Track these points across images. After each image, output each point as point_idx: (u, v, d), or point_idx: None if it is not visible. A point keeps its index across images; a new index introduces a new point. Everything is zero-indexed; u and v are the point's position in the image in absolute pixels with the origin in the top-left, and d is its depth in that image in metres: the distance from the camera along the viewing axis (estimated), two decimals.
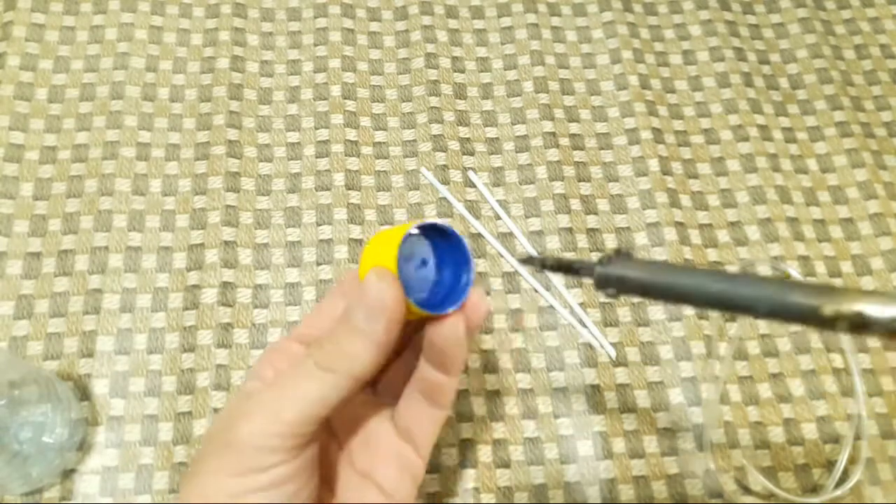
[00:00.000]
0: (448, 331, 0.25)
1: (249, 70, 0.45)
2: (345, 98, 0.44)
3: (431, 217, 0.41)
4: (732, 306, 0.20)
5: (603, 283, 0.22)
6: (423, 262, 0.25)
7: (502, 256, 0.40)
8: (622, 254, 0.22)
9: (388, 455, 0.27)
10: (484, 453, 0.36)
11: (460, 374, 0.27)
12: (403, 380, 0.28)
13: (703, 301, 0.20)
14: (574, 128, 0.44)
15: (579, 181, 0.42)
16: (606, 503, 0.35)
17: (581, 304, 0.39)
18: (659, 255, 0.40)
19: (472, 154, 0.43)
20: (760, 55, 0.48)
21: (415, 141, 0.43)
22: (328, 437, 0.28)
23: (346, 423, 0.28)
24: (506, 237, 0.41)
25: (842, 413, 0.37)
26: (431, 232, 0.25)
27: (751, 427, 0.37)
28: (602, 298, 0.39)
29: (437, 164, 0.42)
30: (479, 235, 0.41)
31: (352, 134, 0.43)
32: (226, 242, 0.39)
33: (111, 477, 0.34)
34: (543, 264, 0.24)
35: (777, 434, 0.37)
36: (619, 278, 0.21)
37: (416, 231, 0.24)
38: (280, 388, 0.24)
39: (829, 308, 0.18)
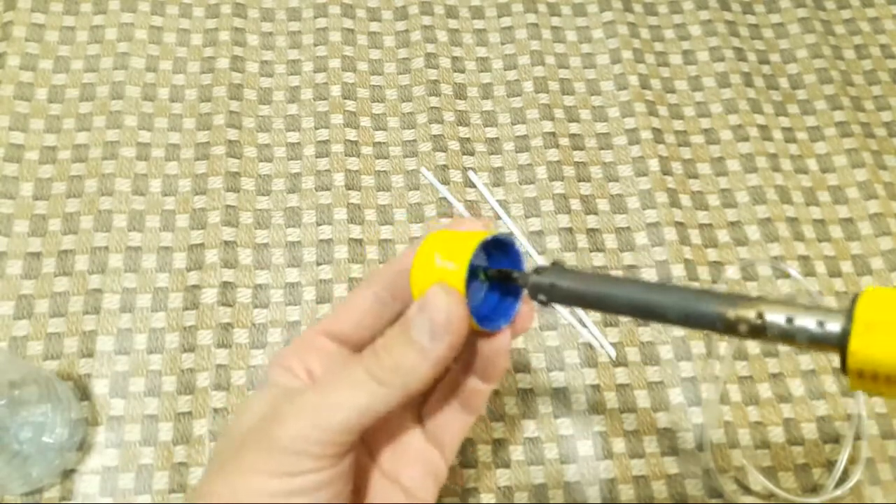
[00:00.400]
0: (498, 342, 0.24)
1: (249, 70, 0.45)
2: (345, 98, 0.44)
3: (431, 216, 0.41)
4: (646, 313, 0.21)
5: (535, 291, 0.23)
6: (476, 273, 0.24)
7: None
8: (556, 265, 0.23)
9: (415, 459, 0.26)
10: (484, 453, 0.36)
11: (499, 381, 0.26)
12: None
13: (620, 308, 0.21)
14: (574, 128, 0.44)
15: (579, 181, 0.42)
16: (606, 503, 0.35)
17: None
18: (659, 254, 0.40)
19: (472, 154, 0.43)
20: (760, 55, 0.48)
21: (415, 141, 0.43)
22: (359, 442, 0.27)
23: (377, 428, 0.27)
24: None
25: (842, 413, 0.37)
26: (492, 246, 0.24)
27: (751, 427, 0.37)
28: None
29: (437, 164, 0.42)
30: None
31: (352, 134, 0.43)
32: (226, 242, 0.39)
33: (111, 477, 0.34)
34: (486, 273, 0.24)
35: (777, 434, 0.37)
36: (549, 286, 0.22)
37: (482, 249, 0.23)
38: (325, 393, 0.23)
39: (731, 313, 0.19)
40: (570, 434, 0.36)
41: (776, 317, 0.19)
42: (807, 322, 0.18)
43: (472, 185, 0.42)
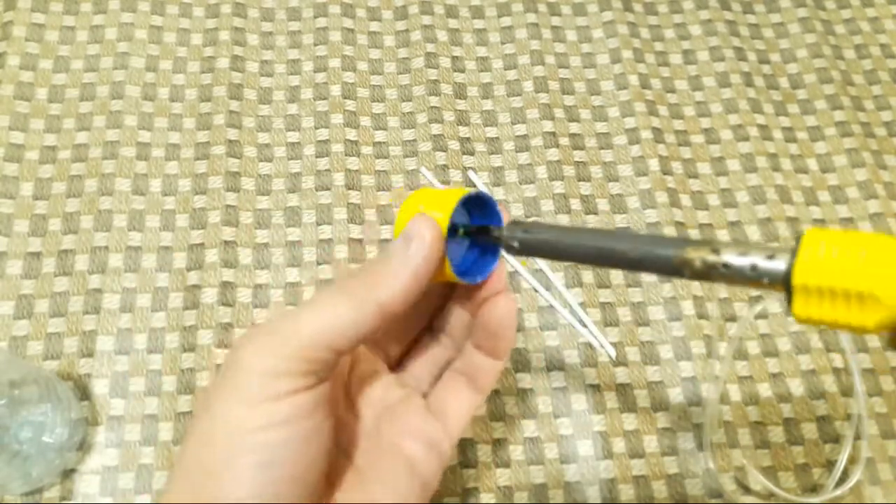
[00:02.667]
0: (502, 311, 0.25)
1: (249, 70, 0.45)
2: (345, 98, 0.44)
3: None
4: (606, 260, 0.23)
5: (508, 243, 0.25)
6: (457, 229, 0.26)
7: (503, 256, 0.40)
8: (521, 222, 0.25)
9: (416, 430, 0.25)
10: (484, 453, 0.36)
11: (507, 357, 0.26)
12: (428, 370, 0.28)
13: (583, 256, 0.23)
14: (574, 127, 0.44)
15: (579, 181, 0.42)
16: (606, 503, 0.35)
17: (581, 304, 0.39)
18: None
19: (472, 154, 0.43)
20: (760, 55, 0.48)
21: (415, 141, 0.43)
22: (348, 411, 0.26)
23: (371, 401, 0.26)
24: None
25: (842, 413, 0.37)
26: (473, 204, 0.26)
27: (751, 427, 0.37)
28: (602, 298, 0.39)
29: (437, 163, 0.42)
30: None
31: (352, 134, 0.43)
32: (226, 242, 0.39)
33: (111, 477, 0.34)
34: (465, 230, 0.25)
35: (777, 434, 0.37)
36: (520, 239, 0.24)
37: (464, 208, 0.25)
38: (296, 312, 0.22)
39: (684, 253, 0.20)
40: (570, 434, 0.36)
41: (728, 255, 0.20)
42: (756, 256, 0.20)
43: (472, 185, 0.42)
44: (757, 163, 0.44)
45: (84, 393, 0.36)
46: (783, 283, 0.19)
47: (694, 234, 0.41)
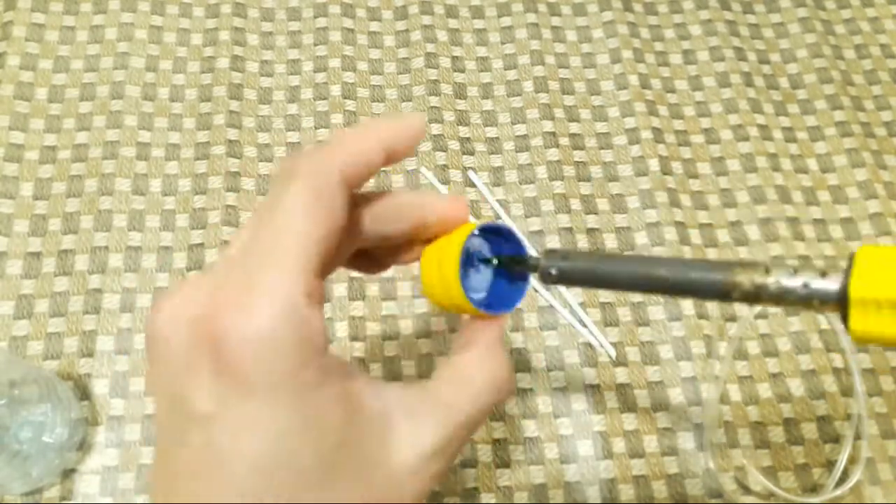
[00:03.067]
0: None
1: (249, 70, 0.45)
2: (345, 98, 0.44)
3: None
4: (649, 287, 0.22)
5: (545, 275, 0.24)
6: (482, 263, 0.25)
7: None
8: (558, 250, 0.24)
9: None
10: (484, 453, 0.36)
11: None
12: None
13: (624, 284, 0.22)
14: (574, 127, 0.44)
15: (579, 181, 0.42)
16: (606, 503, 0.35)
17: (581, 304, 0.39)
18: (659, 254, 0.40)
19: (472, 154, 0.43)
20: (760, 55, 0.48)
21: None
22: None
23: None
24: None
25: (842, 413, 0.37)
26: (490, 234, 0.25)
27: (751, 427, 0.37)
28: (602, 298, 0.39)
29: (437, 163, 0.42)
30: None
31: None
32: (226, 242, 0.39)
33: (111, 477, 0.34)
34: (499, 260, 0.25)
35: (777, 434, 0.37)
36: (558, 269, 0.23)
37: (476, 234, 0.24)
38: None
39: (731, 277, 0.20)
40: (570, 434, 0.36)
41: (779, 274, 0.19)
42: (808, 275, 0.19)
43: (473, 185, 0.42)
44: (757, 163, 0.44)
45: (84, 393, 0.36)
46: (838, 300, 0.18)
47: (694, 233, 0.41)
